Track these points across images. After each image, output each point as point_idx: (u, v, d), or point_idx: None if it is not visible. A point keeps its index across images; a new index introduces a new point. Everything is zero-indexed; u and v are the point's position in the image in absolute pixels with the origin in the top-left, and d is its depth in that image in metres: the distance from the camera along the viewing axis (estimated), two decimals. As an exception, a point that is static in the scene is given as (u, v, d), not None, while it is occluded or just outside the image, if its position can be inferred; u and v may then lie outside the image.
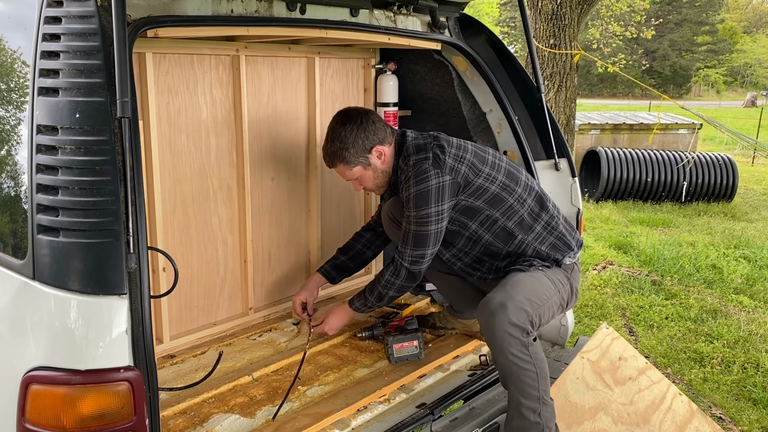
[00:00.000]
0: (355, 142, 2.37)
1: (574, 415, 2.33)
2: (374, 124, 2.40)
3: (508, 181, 2.39)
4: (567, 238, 2.46)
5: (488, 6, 22.28)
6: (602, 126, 10.19)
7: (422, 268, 2.40)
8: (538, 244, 2.41)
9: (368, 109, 2.48)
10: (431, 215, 2.30)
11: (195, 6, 1.98)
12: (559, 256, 2.42)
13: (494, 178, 2.37)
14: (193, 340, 2.66)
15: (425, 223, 2.31)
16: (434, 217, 2.30)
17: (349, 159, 2.40)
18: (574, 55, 6.69)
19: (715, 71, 46.16)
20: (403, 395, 2.38)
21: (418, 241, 2.34)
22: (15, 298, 1.60)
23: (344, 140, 2.38)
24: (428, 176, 2.27)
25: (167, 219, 2.52)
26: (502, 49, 2.93)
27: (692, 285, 5.51)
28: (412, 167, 2.31)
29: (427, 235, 2.33)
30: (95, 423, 1.54)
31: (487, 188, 2.36)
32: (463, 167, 2.32)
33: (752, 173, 12.35)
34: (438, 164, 2.29)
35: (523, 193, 2.42)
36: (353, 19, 2.48)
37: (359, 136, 2.37)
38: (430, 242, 2.35)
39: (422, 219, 2.30)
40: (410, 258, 2.37)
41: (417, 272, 2.40)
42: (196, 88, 2.54)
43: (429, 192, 2.27)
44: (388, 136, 2.43)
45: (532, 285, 2.30)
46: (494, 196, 2.37)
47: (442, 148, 2.33)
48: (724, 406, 3.53)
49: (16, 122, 1.72)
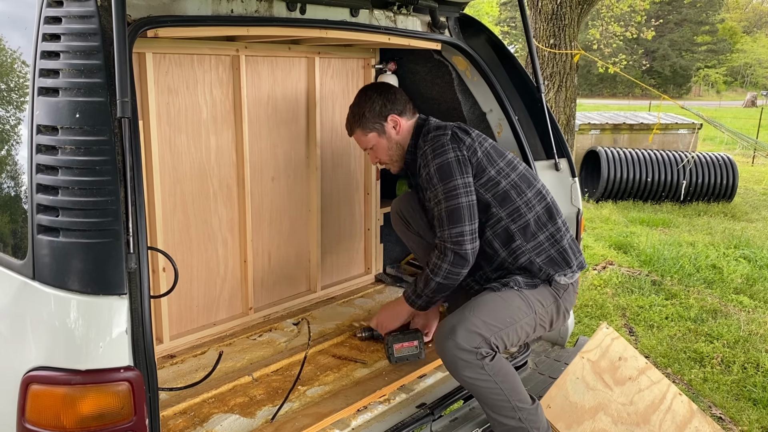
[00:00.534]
0: (373, 107, 2.47)
1: (574, 415, 2.33)
2: (395, 95, 2.50)
3: (520, 182, 2.36)
4: (568, 254, 2.36)
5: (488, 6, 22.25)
6: (602, 126, 10.19)
7: (467, 249, 2.24)
8: (536, 254, 2.33)
9: (394, 86, 2.63)
10: (458, 186, 2.23)
11: (195, 6, 1.98)
12: (552, 272, 2.33)
13: (507, 174, 2.35)
14: (193, 340, 2.66)
15: (455, 196, 2.22)
16: (462, 189, 2.23)
17: (365, 124, 2.49)
18: (574, 55, 6.69)
19: (715, 71, 46.17)
20: (403, 395, 2.38)
21: (453, 216, 2.22)
22: (15, 298, 1.60)
23: (363, 105, 2.48)
24: (446, 150, 2.28)
25: (167, 219, 2.52)
26: (502, 49, 2.93)
27: (692, 285, 5.51)
28: (430, 142, 2.33)
29: (460, 208, 2.22)
30: (95, 423, 1.54)
31: (498, 182, 2.32)
32: (479, 152, 2.32)
33: (752, 173, 12.35)
34: (456, 140, 2.32)
35: (533, 198, 2.36)
36: (353, 19, 2.48)
37: (377, 102, 2.46)
38: (465, 216, 2.23)
39: (451, 192, 2.22)
40: (451, 238, 2.23)
41: (464, 253, 2.24)
42: (196, 88, 2.54)
43: (450, 164, 2.25)
44: (407, 111, 2.51)
45: (496, 307, 2.22)
46: (503, 193, 2.32)
47: (464, 130, 2.38)
48: (724, 406, 3.52)
49: (16, 122, 1.72)
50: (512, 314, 2.24)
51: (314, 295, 3.17)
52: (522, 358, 2.73)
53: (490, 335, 2.16)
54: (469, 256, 2.26)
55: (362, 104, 2.49)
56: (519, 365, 2.72)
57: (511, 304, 2.25)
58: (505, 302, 2.25)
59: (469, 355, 2.10)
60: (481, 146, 2.35)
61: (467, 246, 2.24)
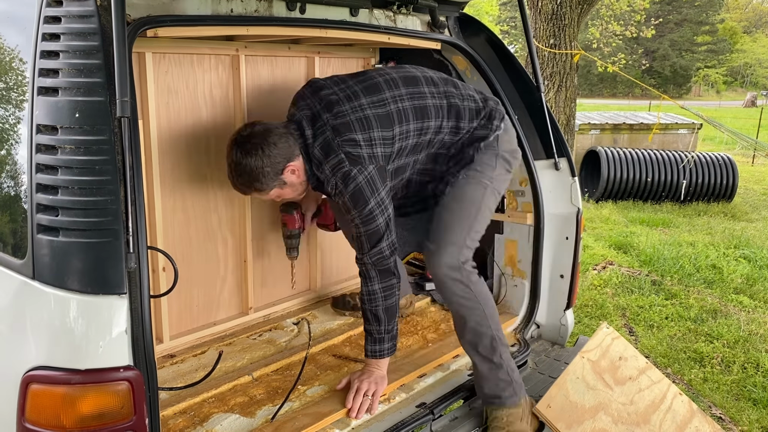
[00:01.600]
0: (264, 171, 2.18)
1: (574, 414, 2.33)
2: (275, 145, 2.17)
3: (419, 123, 2.29)
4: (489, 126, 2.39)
5: (488, 5, 22.27)
6: (602, 126, 10.19)
7: (390, 261, 2.26)
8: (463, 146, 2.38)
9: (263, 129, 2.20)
10: (374, 209, 2.18)
11: (195, 5, 1.98)
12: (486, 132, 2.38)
13: (405, 132, 2.26)
14: (193, 339, 2.66)
15: (371, 220, 2.20)
16: (378, 209, 2.19)
17: (262, 188, 2.23)
18: (574, 55, 6.69)
19: (715, 71, 46.18)
20: (402, 395, 2.38)
21: (373, 238, 2.23)
22: (15, 298, 1.60)
23: (250, 173, 2.18)
24: (353, 176, 2.15)
25: (167, 218, 2.52)
26: (502, 48, 2.93)
27: (692, 285, 5.51)
28: (332, 176, 2.17)
29: (379, 229, 2.21)
30: (95, 422, 1.54)
31: (405, 145, 2.28)
32: (378, 149, 2.19)
33: (752, 173, 12.35)
34: (355, 161, 2.14)
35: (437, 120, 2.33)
36: (353, 18, 2.48)
37: (266, 165, 2.17)
38: (385, 234, 2.23)
39: (367, 216, 2.19)
40: (372, 258, 2.25)
41: (387, 266, 2.27)
42: (196, 88, 2.54)
43: (362, 189, 2.15)
44: (294, 149, 2.21)
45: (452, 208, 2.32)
46: (414, 145, 2.31)
47: (352, 142, 2.16)
48: (724, 406, 3.52)
49: (15, 122, 1.72)
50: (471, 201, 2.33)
51: (314, 295, 3.17)
52: (522, 357, 2.73)
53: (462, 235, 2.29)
54: (392, 267, 2.28)
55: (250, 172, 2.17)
56: (519, 365, 2.71)
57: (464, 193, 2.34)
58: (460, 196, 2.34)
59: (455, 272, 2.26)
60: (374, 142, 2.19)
61: (389, 259, 2.26)
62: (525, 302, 3.00)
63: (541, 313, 2.99)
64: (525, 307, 3.00)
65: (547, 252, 2.92)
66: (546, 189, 2.89)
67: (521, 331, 2.93)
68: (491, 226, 3.05)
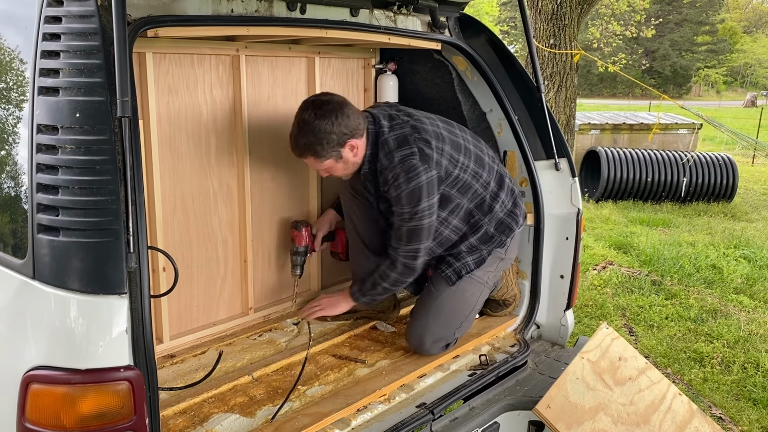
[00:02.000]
0: (329, 137, 2.26)
1: (574, 415, 2.33)
2: (348, 117, 2.28)
3: (477, 168, 2.45)
4: (516, 214, 2.61)
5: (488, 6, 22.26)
6: (602, 126, 10.19)
7: (418, 263, 2.44)
8: (490, 224, 2.54)
9: (341, 98, 2.34)
10: (425, 210, 2.31)
11: (195, 6, 1.98)
12: (504, 238, 2.58)
13: (467, 166, 2.42)
14: (193, 339, 2.66)
15: (420, 218, 2.32)
16: (427, 211, 2.32)
17: (320, 153, 2.32)
18: (574, 55, 6.69)
19: (715, 71, 46.17)
20: (403, 395, 2.38)
21: (413, 236, 2.36)
22: (15, 298, 1.60)
23: (317, 134, 2.26)
24: (418, 173, 2.27)
25: (167, 219, 2.52)
26: (502, 49, 2.93)
27: (692, 285, 5.51)
28: (399, 164, 2.28)
29: (421, 230, 2.35)
30: (95, 422, 1.54)
31: (462, 177, 2.41)
32: (444, 160, 2.34)
33: (752, 173, 12.35)
34: (425, 159, 2.29)
35: (488, 176, 2.51)
36: (353, 19, 2.48)
37: (334, 132, 2.26)
38: (424, 236, 2.37)
39: (417, 215, 2.32)
40: (405, 253, 2.40)
41: (413, 266, 2.44)
42: (196, 88, 2.54)
43: (421, 188, 2.28)
44: (362, 128, 2.34)
45: (453, 306, 2.55)
46: (465, 183, 2.43)
47: (427, 142, 2.32)
48: (724, 406, 3.53)
49: (16, 122, 1.72)
50: (469, 304, 2.58)
51: (314, 295, 3.17)
52: (522, 358, 2.73)
53: (452, 331, 2.57)
54: (418, 268, 2.47)
55: (316, 133, 2.26)
56: (519, 365, 2.72)
57: (466, 296, 2.56)
58: (460, 297, 2.56)
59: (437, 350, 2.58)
60: (444, 153, 2.35)
61: (419, 261, 2.44)
62: (525, 302, 3.00)
63: (541, 314, 2.99)
64: (525, 308, 3.00)
65: (547, 252, 2.92)
66: (546, 189, 2.89)
67: (521, 331, 2.93)
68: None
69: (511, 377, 2.65)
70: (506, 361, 2.68)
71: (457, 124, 2.59)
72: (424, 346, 2.54)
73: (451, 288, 2.54)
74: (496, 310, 2.99)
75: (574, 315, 3.06)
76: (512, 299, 2.97)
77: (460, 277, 2.54)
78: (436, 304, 2.55)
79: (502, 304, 2.98)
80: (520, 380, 2.64)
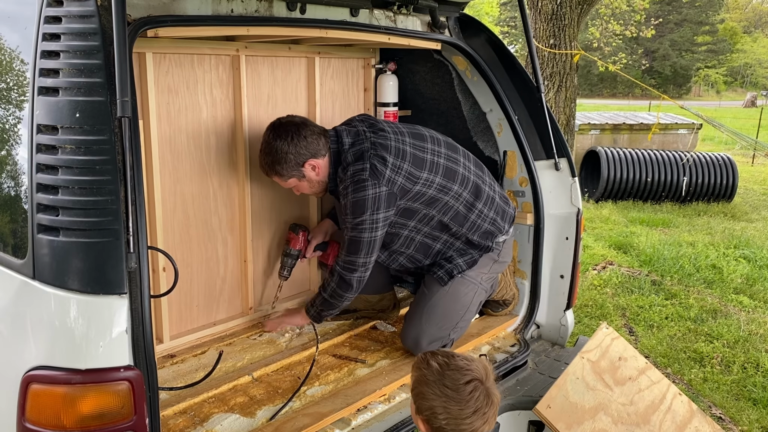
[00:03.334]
0: (287, 157, 2.40)
1: (574, 415, 2.33)
2: (306, 139, 2.40)
3: (445, 181, 2.48)
4: (498, 222, 2.62)
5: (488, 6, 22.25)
6: (602, 126, 10.19)
7: (353, 277, 2.47)
8: (471, 233, 2.57)
9: (301, 121, 2.46)
10: (365, 222, 2.36)
11: (195, 6, 1.98)
12: (489, 243, 2.61)
13: (431, 181, 2.45)
14: (193, 339, 2.66)
15: (359, 230, 2.39)
16: (368, 225, 2.37)
17: (282, 172, 2.45)
18: (574, 55, 6.69)
19: (715, 71, 46.15)
20: (403, 395, 2.38)
21: (351, 246, 2.43)
22: (15, 298, 1.60)
23: (276, 154, 2.41)
24: (365, 186, 2.33)
25: (167, 219, 2.52)
26: (502, 49, 2.93)
27: (692, 285, 5.51)
28: (350, 177, 2.36)
29: (360, 242, 2.40)
30: (95, 422, 1.54)
31: (425, 192, 2.46)
32: (400, 178, 2.38)
33: (752, 173, 12.35)
34: (375, 175, 2.34)
35: (459, 188, 2.51)
36: (353, 18, 2.48)
37: (290, 152, 2.39)
38: (362, 250, 2.42)
39: (357, 225, 2.38)
40: (342, 263, 2.47)
41: (348, 279, 2.48)
42: (196, 88, 2.54)
43: (365, 200, 2.34)
44: (322, 149, 2.44)
45: (447, 307, 2.57)
46: (430, 197, 2.48)
47: (383, 159, 2.36)
48: (724, 406, 3.53)
49: (16, 122, 1.72)
50: (463, 304, 2.60)
51: (312, 294, 3.17)
52: (522, 358, 2.73)
53: (448, 332, 2.59)
54: (353, 283, 2.49)
55: (275, 153, 2.41)
56: (519, 365, 2.72)
57: (459, 296, 2.59)
58: (454, 297, 2.58)
59: None
60: (401, 171, 2.38)
61: (354, 275, 2.47)
62: (525, 302, 3.00)
63: (541, 314, 2.99)
64: (525, 308, 3.00)
65: (547, 252, 2.92)
66: (546, 189, 2.89)
67: (521, 331, 2.93)
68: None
69: (511, 377, 2.65)
70: (506, 360, 2.68)
71: (432, 136, 2.57)
72: (420, 347, 2.55)
73: (444, 288, 2.58)
74: (496, 309, 3.00)
75: (574, 315, 3.06)
76: (512, 298, 2.98)
77: (452, 277, 2.58)
78: (430, 305, 2.58)
79: (503, 304, 2.99)
80: (520, 380, 2.64)
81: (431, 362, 1.64)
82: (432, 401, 1.58)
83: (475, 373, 1.61)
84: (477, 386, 1.58)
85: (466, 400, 1.56)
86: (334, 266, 2.53)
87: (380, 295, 2.95)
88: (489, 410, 1.59)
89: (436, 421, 1.57)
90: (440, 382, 1.59)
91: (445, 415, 1.56)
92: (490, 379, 1.63)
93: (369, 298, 2.93)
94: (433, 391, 1.59)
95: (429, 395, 1.59)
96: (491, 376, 1.64)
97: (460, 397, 1.57)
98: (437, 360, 1.64)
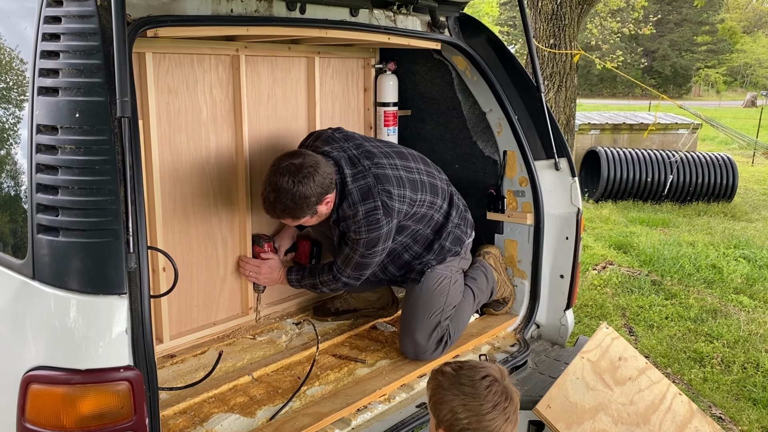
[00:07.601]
0: (308, 201, 2.28)
1: (574, 415, 2.33)
2: (323, 176, 2.28)
3: (432, 198, 2.59)
4: (463, 228, 2.74)
5: (488, 6, 22.25)
6: (602, 126, 10.19)
7: (354, 283, 2.60)
8: (445, 240, 2.67)
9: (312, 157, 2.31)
10: (377, 253, 2.48)
11: (195, 6, 1.98)
12: (458, 248, 2.71)
13: (424, 200, 2.54)
14: (193, 339, 2.66)
15: (372, 257, 2.49)
16: (379, 252, 2.49)
17: (299, 216, 2.35)
18: (574, 55, 6.69)
19: (715, 71, 46.15)
20: (403, 394, 2.38)
21: (361, 266, 2.52)
22: (15, 298, 1.60)
23: (297, 201, 2.26)
24: (380, 225, 2.39)
25: (167, 219, 2.52)
26: (502, 48, 2.93)
27: (692, 285, 5.51)
28: (363, 218, 2.37)
29: (370, 264, 2.53)
30: (95, 422, 1.54)
31: (419, 211, 2.55)
32: (405, 206, 2.47)
33: (752, 173, 12.35)
34: (388, 212, 2.40)
35: (442, 201, 2.64)
36: (353, 18, 2.47)
37: (312, 194, 2.27)
38: (370, 268, 2.56)
39: (370, 255, 2.48)
40: (348, 276, 2.56)
41: (354, 285, 2.62)
42: (196, 88, 2.54)
43: (380, 237, 2.42)
44: (334, 180, 2.36)
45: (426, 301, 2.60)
46: (422, 214, 2.57)
47: (389, 194, 2.40)
48: (724, 406, 3.52)
49: (15, 122, 1.72)
50: (441, 290, 2.63)
51: (313, 296, 3.17)
52: (522, 357, 2.73)
53: (438, 319, 2.59)
54: (354, 286, 2.66)
55: (296, 200, 2.25)
56: (519, 365, 2.72)
57: (433, 285, 2.62)
58: (429, 288, 2.62)
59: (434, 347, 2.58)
60: (404, 200, 2.45)
61: (357, 282, 2.61)
62: (525, 302, 3.00)
63: (541, 313, 2.99)
64: (525, 307, 3.00)
65: (547, 252, 2.92)
66: (546, 189, 2.89)
67: (521, 331, 2.93)
68: (492, 226, 3.06)
69: (511, 377, 2.64)
70: (506, 360, 2.68)
71: (410, 153, 2.62)
72: (420, 345, 2.55)
73: (418, 286, 2.64)
74: (497, 308, 3.01)
75: (574, 315, 3.06)
76: (510, 295, 3.01)
77: (423, 273, 2.64)
78: (411, 304, 2.64)
79: (502, 302, 3.00)
80: (520, 380, 2.64)
81: (444, 369, 1.66)
82: (451, 402, 1.58)
83: (490, 370, 1.63)
84: (493, 381, 1.60)
85: (483, 395, 1.57)
86: (335, 275, 2.57)
87: (378, 292, 2.97)
88: (509, 406, 1.59)
89: (458, 424, 1.57)
90: (456, 382, 1.61)
91: (465, 414, 1.56)
92: (506, 379, 1.64)
93: (368, 296, 2.95)
94: (450, 393, 1.60)
95: (447, 397, 1.60)
96: (507, 377, 1.65)
97: (477, 393, 1.58)
98: (450, 366, 1.67)
